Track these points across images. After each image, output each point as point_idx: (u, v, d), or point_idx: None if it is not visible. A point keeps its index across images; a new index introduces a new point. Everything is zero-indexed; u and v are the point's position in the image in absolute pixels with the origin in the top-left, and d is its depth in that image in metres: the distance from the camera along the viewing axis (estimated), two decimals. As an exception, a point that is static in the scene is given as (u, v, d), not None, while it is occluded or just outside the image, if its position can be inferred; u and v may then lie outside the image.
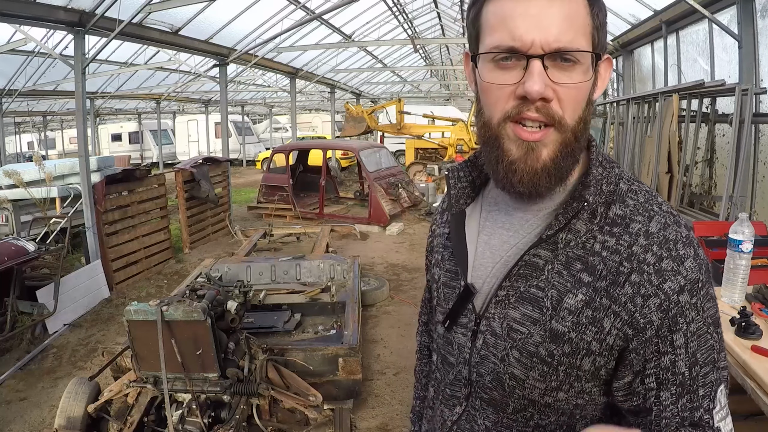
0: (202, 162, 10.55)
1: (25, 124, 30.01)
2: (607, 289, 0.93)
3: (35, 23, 7.66)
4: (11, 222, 8.94)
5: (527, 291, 0.99)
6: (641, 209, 0.97)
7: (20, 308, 5.86)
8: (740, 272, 2.59)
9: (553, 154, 0.94)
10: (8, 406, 4.69)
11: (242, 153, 28.63)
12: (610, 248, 0.94)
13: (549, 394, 1.00)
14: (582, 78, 0.92)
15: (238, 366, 3.59)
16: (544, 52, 0.88)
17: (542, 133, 0.93)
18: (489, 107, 0.96)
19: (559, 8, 0.88)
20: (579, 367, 0.97)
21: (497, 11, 0.92)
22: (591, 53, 0.92)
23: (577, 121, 0.94)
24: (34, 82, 14.03)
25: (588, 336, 0.94)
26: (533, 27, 0.88)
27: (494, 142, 0.97)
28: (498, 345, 1.03)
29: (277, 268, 5.78)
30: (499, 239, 1.08)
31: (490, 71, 0.94)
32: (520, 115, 0.92)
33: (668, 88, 6.23)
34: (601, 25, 0.94)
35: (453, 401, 1.14)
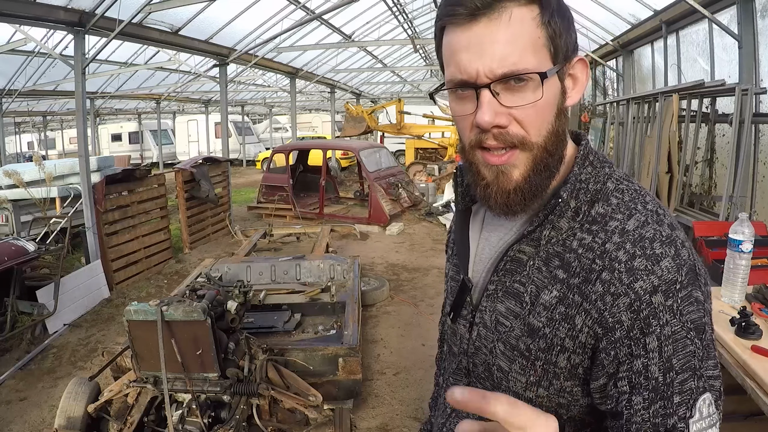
0: (202, 162, 10.55)
1: (25, 124, 30.04)
2: (579, 286, 0.92)
3: (35, 23, 7.66)
4: (11, 222, 8.94)
5: (511, 286, 1.01)
6: (623, 207, 0.96)
7: (20, 308, 5.87)
8: (740, 272, 2.58)
9: (525, 173, 0.95)
10: (8, 406, 4.69)
11: (242, 153, 28.63)
12: (585, 245, 0.94)
13: (530, 389, 1.00)
14: (535, 97, 0.90)
15: (238, 366, 3.59)
16: (490, 81, 0.88)
17: (507, 155, 0.93)
18: (461, 134, 0.99)
19: (500, 33, 0.87)
20: (555, 363, 0.96)
21: (447, 45, 0.94)
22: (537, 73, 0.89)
23: (545, 137, 0.94)
24: (34, 82, 14.03)
25: (561, 332, 0.94)
26: (476, 57, 0.88)
27: (471, 166, 1.00)
28: (488, 337, 1.05)
29: (277, 268, 5.78)
30: (497, 236, 1.10)
31: (453, 102, 0.97)
32: (481, 144, 0.94)
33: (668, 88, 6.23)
34: (559, 32, 0.91)
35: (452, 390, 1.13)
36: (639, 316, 0.87)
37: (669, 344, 0.86)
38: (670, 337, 0.86)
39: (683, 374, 0.87)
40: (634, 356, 0.88)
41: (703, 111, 5.67)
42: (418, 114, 19.19)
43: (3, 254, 5.50)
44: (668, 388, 0.87)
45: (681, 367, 0.87)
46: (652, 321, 0.86)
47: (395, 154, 18.75)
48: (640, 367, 0.88)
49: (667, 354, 0.86)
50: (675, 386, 0.87)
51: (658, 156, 5.60)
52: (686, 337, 0.87)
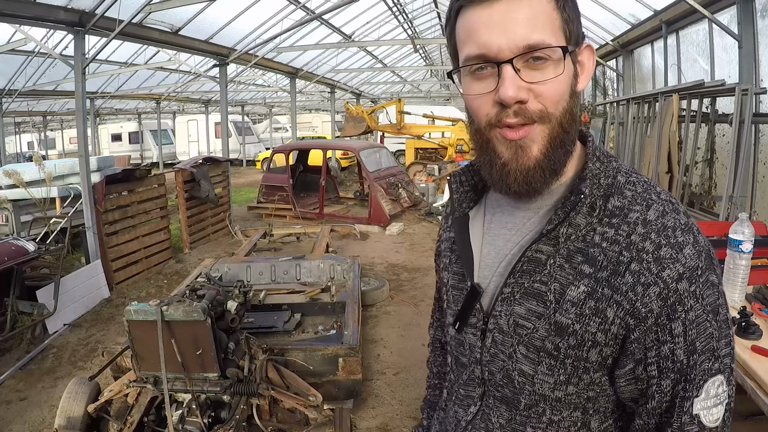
0: (202, 162, 10.55)
1: (25, 124, 30.03)
2: (608, 279, 0.93)
3: (35, 23, 7.66)
4: (11, 222, 8.94)
5: (531, 286, 1.00)
6: (639, 199, 0.97)
7: (20, 308, 5.86)
8: (740, 272, 2.58)
9: (544, 147, 0.95)
10: (8, 406, 4.69)
11: (242, 153, 28.63)
12: (609, 239, 0.95)
13: (559, 388, 1.00)
14: (556, 72, 0.92)
15: (238, 366, 3.59)
16: (513, 56, 0.90)
17: (526, 129, 0.94)
18: (475, 116, 0.99)
19: (521, 10, 0.90)
20: (586, 359, 0.97)
21: (465, 25, 0.95)
22: (560, 47, 0.92)
23: (561, 112, 0.95)
24: (34, 82, 14.03)
25: (592, 327, 0.94)
26: (497, 33, 0.90)
27: (486, 146, 1.00)
28: (506, 342, 1.04)
29: (277, 268, 5.78)
30: (503, 239, 1.09)
31: (469, 83, 0.97)
32: (501, 121, 0.94)
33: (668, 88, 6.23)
34: (572, 17, 0.95)
35: (467, 401, 1.16)
36: (666, 303, 0.90)
37: (693, 328, 0.90)
38: (694, 321, 0.90)
39: (703, 356, 0.91)
40: (662, 342, 0.91)
41: (703, 111, 5.66)
42: (418, 114, 19.17)
43: (3, 254, 5.50)
44: (692, 370, 0.91)
45: (702, 349, 0.91)
46: (678, 307, 0.90)
47: (395, 154, 18.76)
48: (667, 352, 0.91)
49: (691, 338, 0.91)
50: (695, 368, 0.91)
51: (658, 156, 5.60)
52: (706, 320, 0.91)
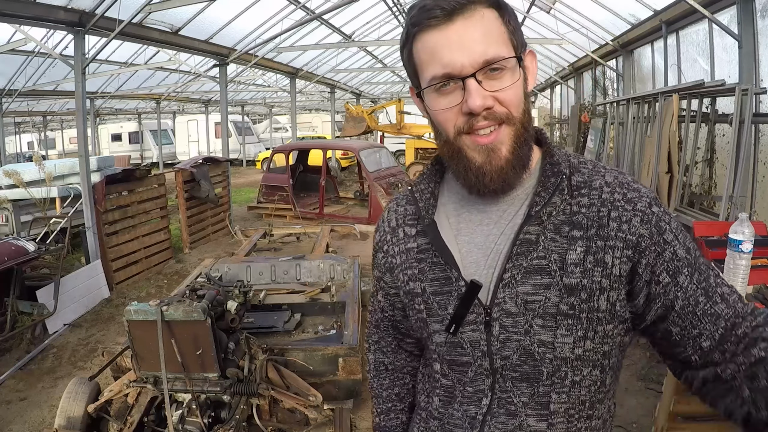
0: (202, 162, 10.55)
1: (25, 124, 30.02)
2: (597, 233, 1.07)
3: (35, 23, 7.67)
4: (11, 222, 8.94)
5: (531, 264, 1.09)
6: (594, 172, 1.13)
7: (20, 308, 5.86)
8: (740, 272, 2.58)
9: (512, 147, 1.07)
10: (8, 406, 4.69)
11: (242, 153, 28.65)
12: (585, 205, 1.09)
13: (578, 345, 1.09)
14: (512, 80, 1.04)
15: (238, 366, 3.59)
16: (475, 70, 1.01)
17: (495, 133, 1.06)
18: (444, 127, 1.10)
19: (475, 29, 1.01)
20: (597, 308, 1.07)
21: (425, 47, 1.05)
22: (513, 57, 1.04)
23: (521, 114, 1.07)
24: (34, 82, 14.04)
25: (597, 276, 1.06)
26: (458, 52, 1.01)
27: (458, 154, 1.10)
28: (518, 322, 1.10)
29: (277, 268, 5.77)
30: (482, 235, 1.17)
31: (435, 100, 1.08)
32: (472, 128, 1.05)
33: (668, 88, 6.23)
34: (515, 28, 1.07)
35: (478, 395, 1.19)
36: (651, 224, 1.06)
37: (679, 233, 1.09)
38: (676, 228, 1.09)
39: (696, 251, 1.10)
40: (662, 252, 1.06)
41: (703, 111, 5.66)
42: (418, 114, 19.10)
43: (3, 254, 5.50)
44: (696, 261, 1.09)
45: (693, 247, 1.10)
46: (661, 223, 1.07)
47: (395, 154, 18.76)
48: (669, 256, 1.07)
49: (681, 239, 1.09)
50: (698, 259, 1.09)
51: (658, 156, 5.60)
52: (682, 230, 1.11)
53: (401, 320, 1.42)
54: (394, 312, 1.43)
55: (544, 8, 11.07)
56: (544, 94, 21.65)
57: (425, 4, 1.03)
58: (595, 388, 1.15)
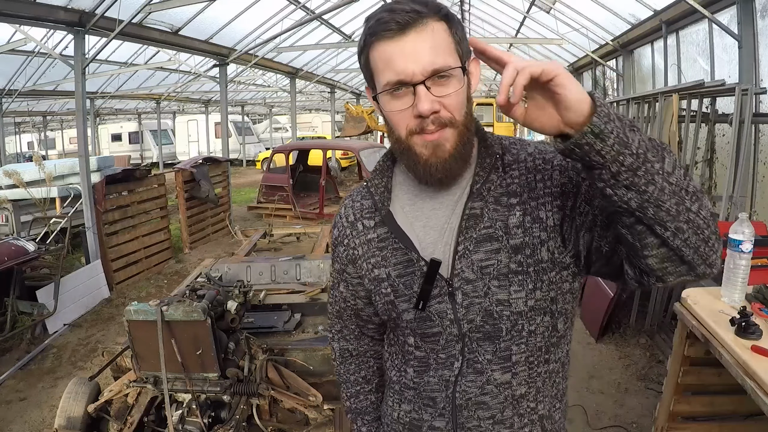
0: (202, 162, 10.56)
1: (25, 124, 30.03)
2: (529, 195, 1.26)
3: (35, 23, 7.66)
4: (11, 222, 8.94)
5: (480, 234, 1.27)
6: (520, 149, 1.33)
7: (20, 308, 5.87)
8: (740, 272, 2.58)
9: (455, 144, 1.21)
10: (8, 406, 4.70)
11: (242, 153, 28.65)
12: (517, 176, 1.28)
13: (530, 297, 1.26)
14: (457, 86, 1.17)
15: (238, 366, 3.59)
16: (424, 78, 1.13)
17: (440, 132, 1.19)
18: (396, 128, 1.23)
19: (426, 41, 1.13)
20: (541, 260, 1.25)
21: (381, 55, 1.17)
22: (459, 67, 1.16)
23: (464, 116, 1.21)
24: (34, 82, 14.04)
25: (536, 231, 1.25)
26: (410, 61, 1.13)
27: (408, 151, 1.24)
28: (477, 285, 1.27)
29: (277, 268, 5.76)
30: (435, 218, 1.33)
31: (389, 102, 1.20)
32: (422, 129, 1.18)
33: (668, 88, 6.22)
34: (461, 38, 1.20)
35: (450, 360, 1.34)
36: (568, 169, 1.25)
37: None
38: None
39: None
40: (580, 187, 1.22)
41: (703, 111, 5.66)
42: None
43: (3, 254, 5.50)
44: None
45: None
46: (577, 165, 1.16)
47: (395, 154, 18.68)
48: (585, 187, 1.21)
49: None
50: None
51: (658, 156, 5.59)
52: None
53: (363, 308, 1.54)
54: (356, 301, 1.54)
55: (544, 8, 11.07)
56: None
57: (382, 16, 1.15)
58: (549, 334, 1.32)
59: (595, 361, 5.21)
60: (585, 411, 4.35)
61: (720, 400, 3.09)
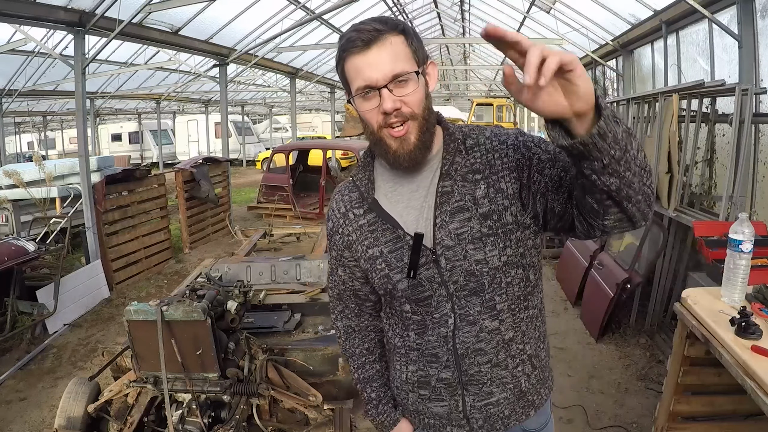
0: (202, 162, 10.56)
1: (25, 124, 30.01)
2: (490, 170, 1.51)
3: (35, 23, 7.66)
4: (11, 222, 8.94)
5: (452, 207, 1.51)
6: (480, 133, 1.59)
7: (20, 308, 5.87)
8: (740, 272, 2.58)
9: (417, 135, 1.47)
10: (8, 406, 4.70)
11: (242, 153, 28.64)
12: (478, 156, 1.54)
13: (503, 254, 1.51)
14: (415, 86, 1.43)
15: (238, 366, 3.59)
16: (386, 82, 1.39)
17: (405, 127, 1.45)
18: (369, 124, 1.48)
19: (386, 53, 1.39)
20: (507, 222, 1.50)
21: (352, 66, 1.43)
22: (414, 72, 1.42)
23: (423, 110, 1.46)
24: (34, 82, 14.03)
25: (499, 200, 1.50)
26: (374, 70, 1.39)
27: (380, 142, 1.49)
28: (456, 250, 1.51)
29: (277, 268, 5.76)
30: (414, 199, 1.58)
31: (361, 103, 1.45)
32: (388, 124, 1.44)
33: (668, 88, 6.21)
34: (417, 47, 1.46)
35: (444, 318, 1.58)
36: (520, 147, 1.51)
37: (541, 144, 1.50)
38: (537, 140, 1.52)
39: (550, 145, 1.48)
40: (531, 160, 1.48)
41: (703, 111, 5.65)
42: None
43: (3, 254, 5.50)
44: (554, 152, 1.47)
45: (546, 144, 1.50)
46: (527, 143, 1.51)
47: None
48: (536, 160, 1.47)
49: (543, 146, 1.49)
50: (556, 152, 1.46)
51: (658, 156, 5.59)
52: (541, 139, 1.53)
53: (360, 288, 1.76)
54: (354, 282, 1.76)
55: (544, 8, 11.06)
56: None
57: (351, 35, 1.41)
58: (524, 284, 1.59)
59: (595, 361, 5.21)
60: (585, 411, 4.35)
61: (720, 400, 3.08)
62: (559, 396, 4.60)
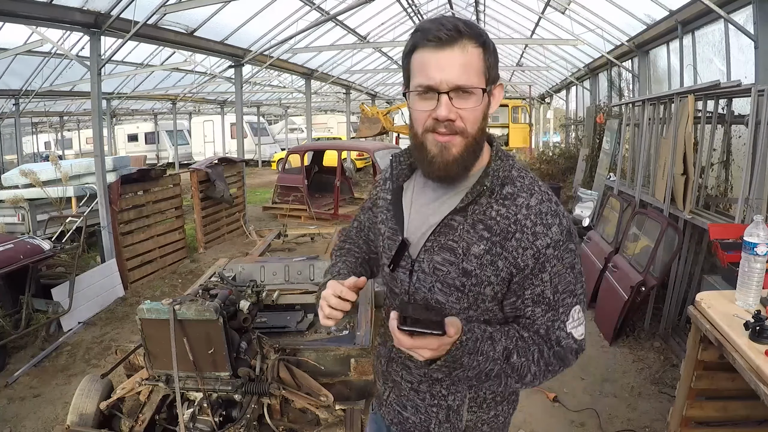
0: (217, 162, 10.61)
1: (42, 124, 30.31)
2: (500, 242, 1.41)
3: (52, 24, 7.72)
4: (27, 221, 9.02)
5: (446, 243, 1.46)
6: (526, 189, 1.45)
7: (35, 306, 5.92)
8: (755, 275, 2.56)
9: (460, 151, 1.40)
10: (22, 402, 4.74)
11: (258, 153, 28.74)
12: (502, 215, 1.42)
13: (463, 312, 1.47)
14: (476, 104, 1.36)
15: (250, 365, 3.60)
16: (449, 89, 1.33)
17: (450, 137, 1.38)
18: (416, 124, 1.43)
19: (458, 58, 1.32)
20: (483, 293, 1.45)
21: (419, 61, 1.37)
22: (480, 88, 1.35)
23: (476, 131, 1.40)
24: (51, 82, 14.16)
25: (488, 272, 1.43)
26: (440, 72, 1.32)
27: (421, 145, 1.43)
28: (426, 280, 1.50)
29: (291, 269, 5.77)
30: (428, 209, 1.55)
31: (416, 101, 1.40)
32: (435, 130, 1.38)
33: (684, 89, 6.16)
34: (492, 65, 1.39)
35: None
36: (538, 261, 1.40)
37: (556, 277, 1.42)
38: (557, 273, 1.42)
39: (564, 295, 1.44)
40: (535, 285, 1.42)
41: (719, 112, 5.60)
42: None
43: (19, 252, 5.55)
44: (556, 304, 1.43)
45: (563, 291, 1.43)
46: (546, 264, 1.40)
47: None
48: (539, 291, 1.42)
49: (554, 283, 1.42)
50: (560, 303, 1.43)
51: (673, 157, 5.55)
52: (565, 272, 1.43)
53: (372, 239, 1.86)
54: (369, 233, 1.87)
55: (559, 9, 11.00)
56: (560, 95, 21.51)
57: (430, 27, 1.33)
58: None
59: (608, 365, 5.18)
60: (598, 414, 4.33)
61: (733, 405, 3.06)
62: (571, 399, 4.58)
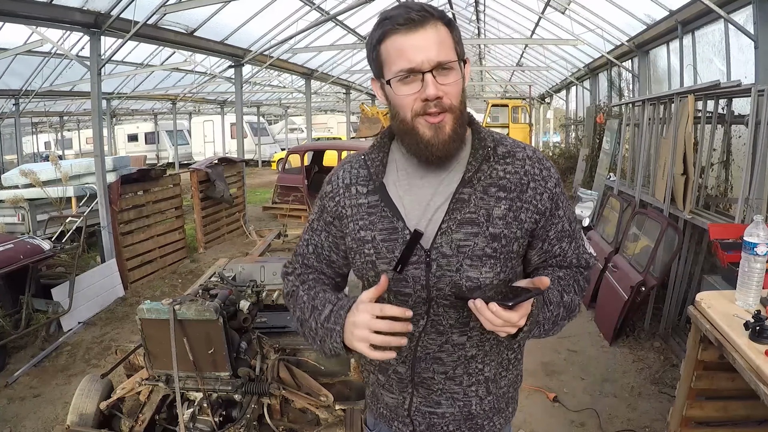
0: (217, 162, 10.62)
1: (42, 124, 30.30)
2: (518, 196, 1.46)
3: (52, 24, 7.73)
4: (27, 221, 9.02)
5: (464, 217, 1.44)
6: (515, 145, 1.54)
7: (35, 306, 5.91)
8: (755, 276, 2.55)
9: (452, 128, 1.41)
10: (22, 402, 4.74)
11: (257, 153, 28.75)
12: (510, 172, 1.48)
13: (496, 277, 1.46)
14: (456, 78, 1.39)
15: (250, 365, 3.60)
16: (431, 68, 1.35)
17: (442, 116, 1.39)
18: (402, 110, 1.42)
19: (433, 37, 1.35)
20: (511, 251, 1.48)
21: (394, 46, 1.37)
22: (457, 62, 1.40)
23: (459, 103, 1.42)
24: (51, 82, 14.18)
25: (514, 228, 1.46)
26: (420, 52, 1.34)
27: (411, 131, 1.42)
28: (451, 262, 1.44)
29: (290, 269, 5.76)
30: (422, 196, 1.51)
31: (399, 87, 1.39)
32: (426, 111, 1.38)
33: (684, 89, 6.16)
34: (458, 40, 1.43)
35: (416, 317, 1.49)
36: (553, 201, 1.51)
37: (567, 209, 1.57)
38: (566, 206, 1.56)
39: (575, 223, 1.59)
40: (556, 223, 1.54)
41: (719, 112, 5.60)
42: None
43: (19, 252, 5.55)
44: (574, 232, 1.59)
45: (573, 219, 1.58)
46: (558, 202, 1.52)
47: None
48: (560, 227, 1.55)
49: (568, 215, 1.56)
50: (575, 230, 1.60)
51: (673, 157, 5.54)
52: (568, 203, 1.57)
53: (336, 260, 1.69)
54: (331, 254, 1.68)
55: (559, 9, 11.01)
56: (560, 95, 21.51)
57: (398, 13, 1.35)
58: None
59: (608, 365, 5.18)
60: (598, 414, 4.33)
61: (733, 406, 3.05)
62: (571, 399, 4.58)
